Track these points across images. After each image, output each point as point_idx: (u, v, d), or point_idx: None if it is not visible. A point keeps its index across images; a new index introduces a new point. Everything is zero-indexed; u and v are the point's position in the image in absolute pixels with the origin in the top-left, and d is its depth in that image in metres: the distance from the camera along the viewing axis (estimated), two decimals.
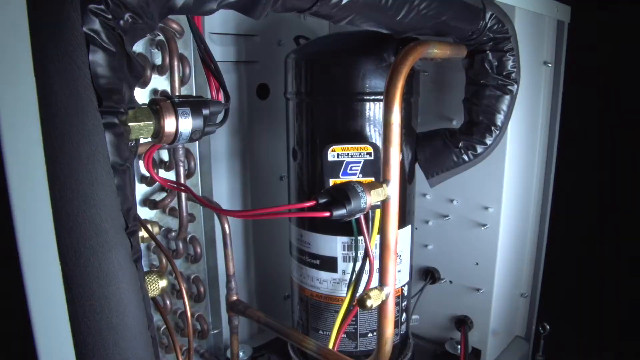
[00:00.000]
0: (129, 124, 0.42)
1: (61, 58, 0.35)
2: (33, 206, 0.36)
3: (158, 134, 0.45)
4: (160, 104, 0.45)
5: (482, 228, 0.95)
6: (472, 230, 0.97)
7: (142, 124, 0.43)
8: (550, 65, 1.00)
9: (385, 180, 0.61)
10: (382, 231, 0.63)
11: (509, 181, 0.93)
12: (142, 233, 0.73)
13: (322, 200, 0.56)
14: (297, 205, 0.55)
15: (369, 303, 0.62)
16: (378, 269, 0.66)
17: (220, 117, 0.53)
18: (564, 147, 1.07)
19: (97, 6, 0.37)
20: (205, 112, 0.47)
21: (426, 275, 1.05)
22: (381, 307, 0.66)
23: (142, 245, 0.86)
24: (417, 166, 0.88)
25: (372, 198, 0.58)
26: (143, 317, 0.41)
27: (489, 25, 0.77)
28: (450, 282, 1.03)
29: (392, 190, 0.61)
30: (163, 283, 0.46)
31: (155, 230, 0.74)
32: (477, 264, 0.98)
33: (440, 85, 0.98)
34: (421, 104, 0.88)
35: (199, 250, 0.93)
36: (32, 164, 0.36)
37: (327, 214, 0.54)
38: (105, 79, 0.37)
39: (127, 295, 0.39)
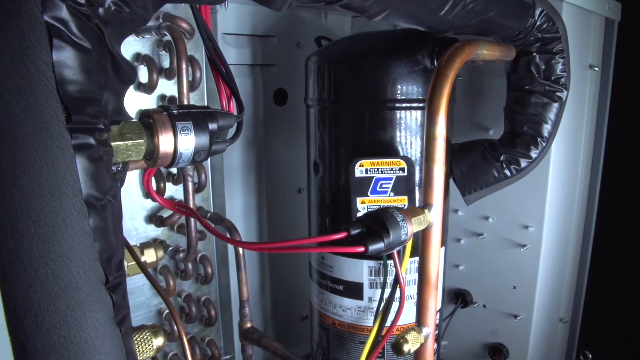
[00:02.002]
0: (113, 144, 0.31)
1: (13, 57, 0.25)
2: None
3: (152, 155, 0.35)
4: (154, 117, 0.34)
5: (522, 249, 0.84)
6: (509, 251, 0.86)
7: (130, 142, 0.32)
8: (596, 69, 0.88)
9: (427, 205, 0.50)
10: (422, 262, 0.53)
11: (553, 197, 0.82)
12: (145, 257, 0.63)
13: (354, 232, 0.45)
14: (325, 237, 0.45)
15: (406, 348, 0.51)
16: (417, 304, 0.55)
17: (232, 131, 0.42)
18: (611, 160, 0.95)
19: None
20: (212, 126, 0.36)
21: (457, 298, 0.94)
22: (418, 350, 0.55)
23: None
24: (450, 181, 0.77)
25: (414, 227, 0.47)
26: None
27: (538, 23, 0.66)
28: (484, 306, 0.92)
29: (435, 216, 0.50)
30: (158, 342, 0.35)
31: (160, 253, 0.64)
32: (514, 287, 0.87)
33: (474, 90, 0.87)
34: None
35: (209, 270, 0.83)
36: None
37: (362, 248, 0.43)
38: (76, 85, 0.27)
39: None
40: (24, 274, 0.26)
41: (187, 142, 0.35)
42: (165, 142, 0.34)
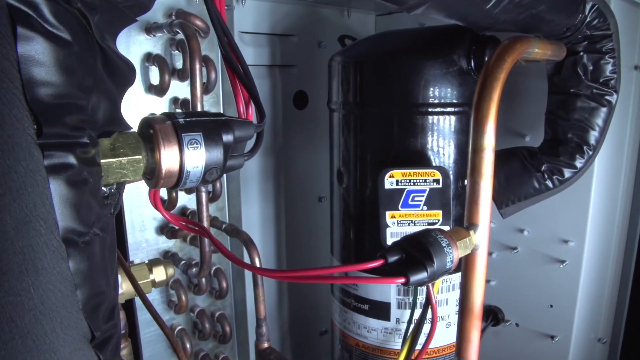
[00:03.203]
0: (103, 161, 0.25)
1: None
2: None
3: (152, 174, 0.28)
4: (154, 127, 0.28)
5: (560, 265, 0.76)
6: (546, 267, 0.78)
7: (124, 159, 0.26)
8: None
9: (472, 226, 0.43)
10: (465, 290, 0.45)
11: (595, 209, 0.74)
12: (154, 276, 0.57)
13: (392, 259, 0.38)
14: (359, 265, 0.38)
15: None
16: (458, 335, 0.48)
17: (250, 142, 0.35)
18: None
19: None
20: (227, 138, 0.30)
21: (488, 315, 0.86)
22: None
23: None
24: None
25: (460, 252, 0.40)
26: None
27: (588, 19, 0.59)
28: (517, 324, 0.84)
29: (481, 238, 0.43)
30: None
31: (171, 271, 0.57)
32: (551, 306, 0.79)
33: (508, 93, 0.79)
34: None
35: (224, 284, 0.76)
36: None
37: (402, 280, 0.36)
38: (50, 88, 0.21)
39: None
40: None
41: (196, 157, 0.28)
42: (169, 158, 0.27)
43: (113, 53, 0.25)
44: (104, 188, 0.25)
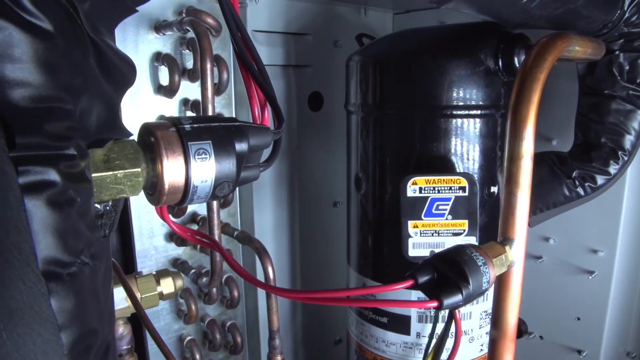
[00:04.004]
0: (95, 175, 0.21)
1: None
2: None
3: (154, 189, 0.24)
4: (156, 135, 0.24)
5: (589, 276, 0.72)
6: (573, 277, 0.74)
7: (120, 173, 0.22)
8: None
9: (508, 240, 0.39)
10: (498, 310, 0.41)
11: (627, 218, 0.69)
12: (161, 288, 0.53)
13: (423, 279, 0.34)
14: (387, 287, 0.34)
15: None
16: (489, 356, 0.44)
17: (260, 153, 0.31)
18: None
19: None
20: (241, 147, 0.26)
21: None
22: None
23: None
24: None
25: (496, 271, 0.36)
26: None
27: (627, 15, 0.54)
28: (541, 337, 0.79)
29: (517, 253, 0.39)
30: None
31: (179, 283, 0.54)
32: (578, 319, 0.75)
33: None
34: None
35: (236, 293, 0.73)
36: None
37: (435, 303, 0.32)
38: (26, 89, 0.17)
39: None
40: None
41: (204, 170, 0.24)
42: (173, 171, 0.23)
43: (108, 48, 0.21)
44: (97, 205, 0.21)
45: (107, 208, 0.22)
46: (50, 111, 0.17)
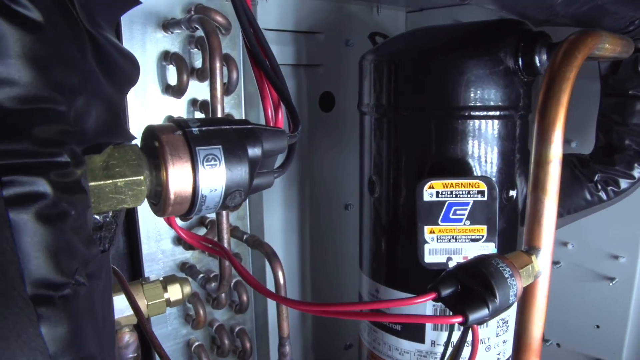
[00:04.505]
0: (92, 184, 0.19)
1: None
2: None
3: (158, 199, 0.22)
4: (160, 139, 0.21)
5: (609, 283, 0.69)
6: (592, 284, 0.71)
7: (121, 181, 0.20)
8: None
9: (534, 250, 0.36)
10: (522, 323, 0.39)
11: None
12: (169, 295, 0.51)
13: (446, 292, 0.31)
14: (407, 300, 0.31)
15: None
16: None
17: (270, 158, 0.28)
18: None
19: None
20: (254, 152, 0.23)
21: None
22: None
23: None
24: None
25: (523, 282, 0.33)
26: None
27: None
28: (558, 345, 0.77)
29: (543, 263, 0.36)
30: None
31: (187, 290, 0.52)
32: (597, 327, 0.72)
33: None
34: None
35: (245, 298, 0.70)
36: None
37: (459, 319, 0.30)
38: (12, 88, 0.15)
39: None
40: None
41: (214, 178, 0.22)
42: (179, 179, 0.21)
43: (108, 43, 0.19)
44: (96, 217, 0.19)
45: (107, 219, 0.20)
46: (40, 113, 0.15)
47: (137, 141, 0.24)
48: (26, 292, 0.15)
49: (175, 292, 0.50)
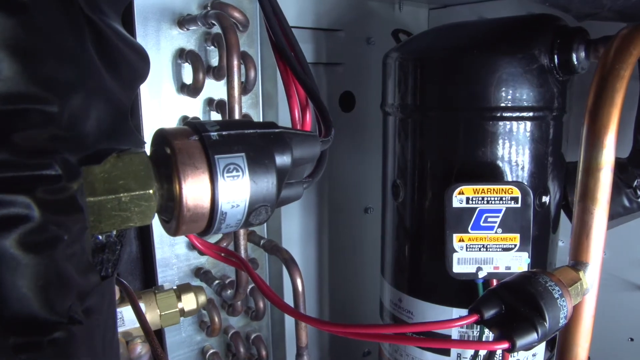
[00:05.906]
0: (90, 200, 0.15)
1: None
2: None
3: (170, 215, 0.18)
4: (173, 145, 0.18)
5: None
6: (625, 294, 0.67)
7: (125, 196, 0.16)
8: None
9: (582, 265, 0.33)
10: (566, 342, 0.35)
11: None
12: (182, 305, 0.48)
13: (489, 314, 0.28)
14: (447, 323, 0.28)
15: None
16: None
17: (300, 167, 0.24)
18: None
19: None
20: (282, 160, 0.20)
21: (552, 344, 0.75)
22: None
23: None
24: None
25: (573, 301, 0.30)
26: None
27: None
28: (589, 359, 0.72)
29: (591, 279, 0.33)
30: None
31: (202, 299, 0.49)
32: (631, 339, 0.68)
33: (583, 94, 0.68)
34: None
35: (261, 305, 0.68)
36: None
37: (506, 345, 0.27)
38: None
39: None
40: None
41: (236, 191, 0.18)
42: (195, 194, 0.17)
43: (113, 33, 0.16)
44: (99, 235, 0.16)
45: (111, 239, 0.17)
46: (23, 115, 0.12)
47: (148, 147, 0.21)
48: (7, 334, 0.12)
49: (189, 301, 0.48)
